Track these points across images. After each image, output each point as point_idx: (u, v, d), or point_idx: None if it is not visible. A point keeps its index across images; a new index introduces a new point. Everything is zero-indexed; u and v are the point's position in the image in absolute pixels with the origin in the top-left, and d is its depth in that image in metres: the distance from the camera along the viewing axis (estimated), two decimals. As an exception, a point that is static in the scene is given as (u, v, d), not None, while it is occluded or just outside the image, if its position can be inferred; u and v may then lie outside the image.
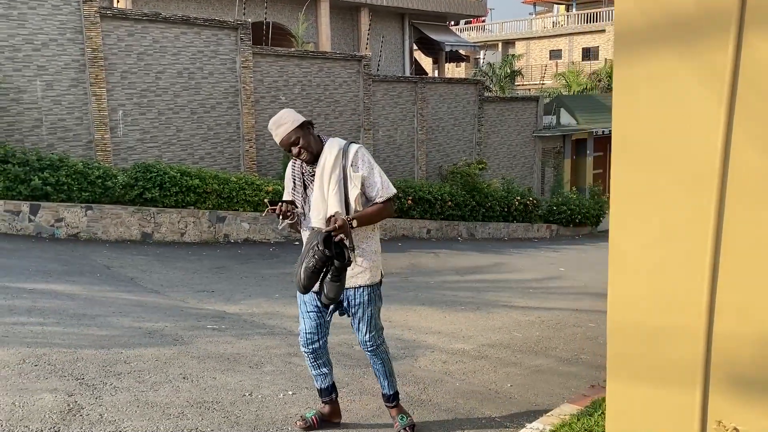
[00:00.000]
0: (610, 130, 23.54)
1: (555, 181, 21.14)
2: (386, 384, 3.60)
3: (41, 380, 3.60)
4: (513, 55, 33.41)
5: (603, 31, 36.64)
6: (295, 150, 3.18)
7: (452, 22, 28.93)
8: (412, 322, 6.82)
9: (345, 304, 3.35)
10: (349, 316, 3.42)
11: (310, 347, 3.42)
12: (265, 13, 16.60)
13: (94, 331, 5.00)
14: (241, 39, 13.35)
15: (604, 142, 25.16)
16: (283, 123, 3.16)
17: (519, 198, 16.78)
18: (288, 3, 19.60)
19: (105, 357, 4.23)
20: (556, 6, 45.37)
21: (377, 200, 3.27)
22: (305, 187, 3.29)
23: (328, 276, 3.08)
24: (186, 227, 11.39)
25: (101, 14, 11.33)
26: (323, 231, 3.05)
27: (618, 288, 2.07)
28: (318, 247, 3.00)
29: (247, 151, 13.81)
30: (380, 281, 3.45)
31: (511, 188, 17.14)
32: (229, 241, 11.97)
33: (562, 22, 40.44)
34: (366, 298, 3.34)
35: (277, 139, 3.19)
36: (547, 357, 5.74)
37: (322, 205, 3.22)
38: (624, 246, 2.03)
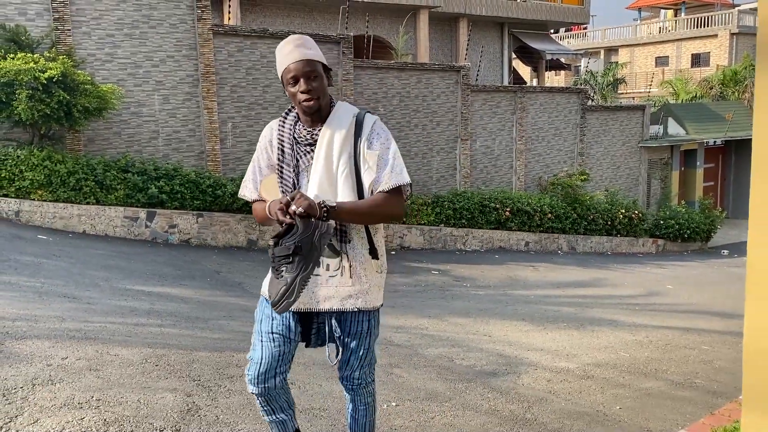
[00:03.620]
0: (723, 141, 22.39)
1: (662, 194, 20.18)
2: None
3: (162, 380, 3.82)
4: (616, 62, 32.29)
5: (715, 36, 34.70)
6: (306, 86, 2.27)
7: (552, 30, 28.36)
8: (512, 337, 6.69)
9: (329, 330, 2.48)
10: (317, 345, 2.54)
11: (262, 386, 2.41)
12: (367, 26, 16.91)
13: (207, 333, 5.25)
14: (343, 52, 13.67)
15: (715, 153, 23.80)
16: (306, 46, 2.31)
17: (623, 211, 16.14)
18: (388, 16, 19.91)
19: (218, 359, 4.43)
20: (663, 11, 43.43)
21: (380, 188, 2.35)
22: (297, 161, 2.40)
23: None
24: (288, 235, 11.75)
25: (214, 31, 11.95)
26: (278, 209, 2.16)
27: (756, 314, 1.94)
28: (269, 245, 2.21)
29: (347, 161, 14.08)
30: (382, 304, 2.57)
31: (615, 201, 16.51)
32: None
33: (670, 28, 38.62)
34: (365, 326, 2.50)
35: (287, 60, 2.28)
36: (658, 380, 5.47)
37: (330, 189, 2.34)
38: (764, 268, 1.91)
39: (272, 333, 2.41)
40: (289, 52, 2.29)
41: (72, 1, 10.55)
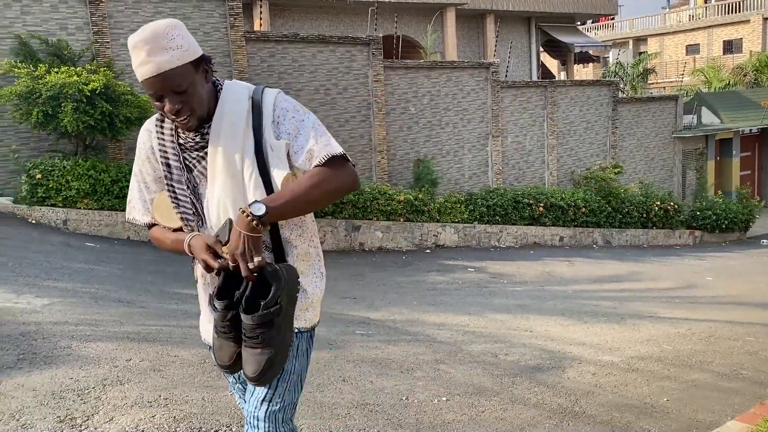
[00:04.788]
0: (759, 129, 21.94)
1: (698, 185, 19.90)
2: None
3: (222, 379, 3.97)
4: (646, 52, 31.86)
5: (747, 21, 34.02)
6: (172, 105, 1.74)
7: (579, 22, 28.13)
8: (554, 332, 6.74)
9: None
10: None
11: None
12: (395, 27, 17.01)
13: (257, 334, 5.41)
14: (373, 54, 13.79)
15: (752, 141, 23.36)
16: (165, 47, 1.70)
17: (659, 203, 15.98)
18: (414, 15, 19.99)
19: (271, 359, 4.58)
20: (692, -2, 42.73)
21: (314, 163, 1.82)
22: (190, 171, 1.87)
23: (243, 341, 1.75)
24: (324, 236, 11.92)
25: (246, 38, 12.17)
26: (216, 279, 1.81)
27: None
28: (215, 307, 1.76)
29: (379, 162, 14.22)
30: (315, 325, 2.00)
31: (650, 193, 16.36)
32: (364, 249, 12.38)
33: (700, 15, 37.96)
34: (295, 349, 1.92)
35: (140, 74, 1.72)
36: (704, 371, 5.47)
37: (240, 200, 1.81)
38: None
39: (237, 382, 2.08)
40: (140, 63, 1.70)
41: (110, 14, 10.86)
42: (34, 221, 9.47)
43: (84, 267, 7.38)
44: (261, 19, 16.27)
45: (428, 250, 12.78)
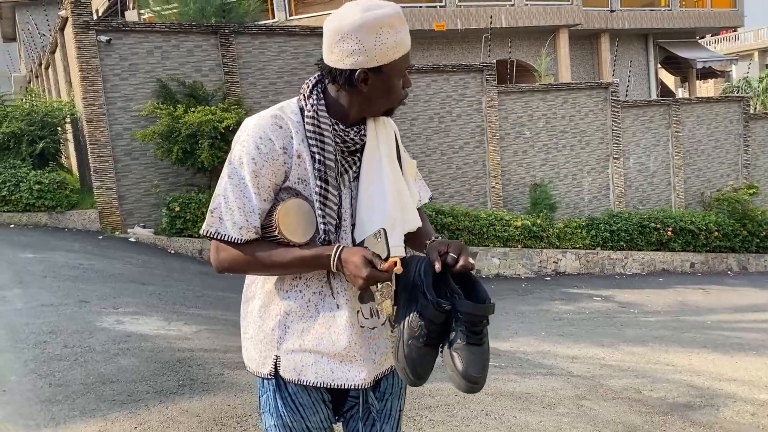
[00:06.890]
0: None
1: None
2: None
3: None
4: (776, 63, 29.76)
5: None
6: (407, 78, 1.63)
7: (699, 36, 26.75)
8: (698, 366, 6.33)
9: (363, 402, 1.74)
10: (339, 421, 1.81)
11: None
12: (509, 51, 16.92)
13: (392, 364, 5.45)
14: (486, 80, 13.76)
15: None
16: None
17: (802, 225, 14.72)
18: (526, 39, 19.80)
19: (411, 390, 4.58)
20: (827, 2, 39.52)
21: (419, 204, 1.85)
22: (341, 174, 1.65)
23: (459, 340, 1.52)
24: (442, 263, 11.90)
25: (364, 71, 12.52)
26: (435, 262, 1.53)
27: None
28: (426, 297, 1.52)
29: (493, 187, 14.08)
30: None
31: (791, 214, 15.12)
32: (481, 276, 12.22)
33: (838, 20, 35.03)
34: (401, 381, 1.83)
35: (408, 42, 1.57)
36: None
37: (412, 215, 1.71)
38: None
39: None
40: (405, 33, 1.56)
41: (239, 55, 11.54)
42: (173, 251, 10.12)
43: (222, 295, 7.77)
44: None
45: (548, 278, 12.44)
